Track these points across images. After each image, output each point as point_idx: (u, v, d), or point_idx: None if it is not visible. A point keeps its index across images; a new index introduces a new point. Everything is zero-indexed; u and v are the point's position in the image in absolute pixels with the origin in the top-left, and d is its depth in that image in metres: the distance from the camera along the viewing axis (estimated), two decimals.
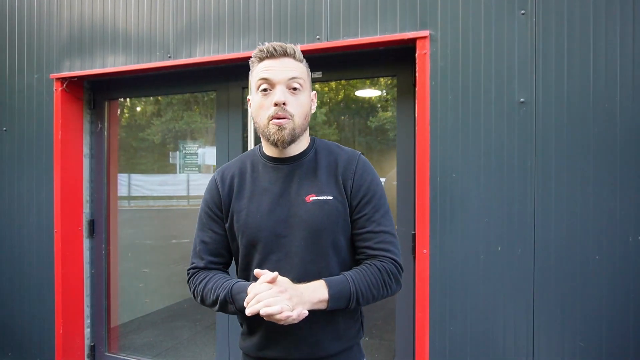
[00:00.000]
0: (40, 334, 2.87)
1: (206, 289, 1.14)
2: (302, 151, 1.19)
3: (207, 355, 2.99)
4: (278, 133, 1.09)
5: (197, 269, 1.20)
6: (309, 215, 1.12)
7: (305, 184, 1.15)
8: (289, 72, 1.11)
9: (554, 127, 1.86)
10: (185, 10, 2.51)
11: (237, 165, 1.24)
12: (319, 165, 1.17)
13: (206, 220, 1.22)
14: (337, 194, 1.14)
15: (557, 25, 1.86)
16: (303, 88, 1.13)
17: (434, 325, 2.02)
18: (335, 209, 1.13)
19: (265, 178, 1.18)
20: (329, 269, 1.13)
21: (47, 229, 2.83)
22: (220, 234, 1.21)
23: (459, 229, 1.99)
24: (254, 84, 1.14)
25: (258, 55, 1.13)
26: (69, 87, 2.82)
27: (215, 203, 1.21)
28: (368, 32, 2.14)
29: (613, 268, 1.80)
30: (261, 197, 1.15)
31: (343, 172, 1.16)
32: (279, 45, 1.12)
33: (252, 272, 1.13)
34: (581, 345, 1.84)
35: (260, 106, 1.12)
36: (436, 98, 2.01)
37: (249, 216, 1.14)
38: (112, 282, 3.07)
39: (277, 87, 1.10)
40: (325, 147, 1.22)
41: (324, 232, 1.12)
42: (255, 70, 1.15)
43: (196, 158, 3.43)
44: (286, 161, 1.18)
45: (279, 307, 0.94)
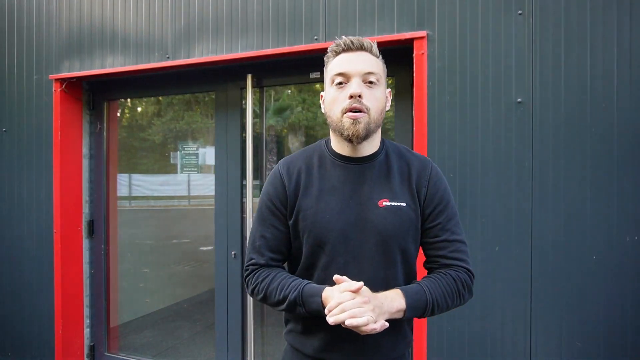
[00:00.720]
0: (40, 334, 2.88)
1: (271, 287, 1.10)
2: (374, 152, 1.15)
3: (206, 355, 2.99)
4: (352, 127, 1.05)
5: (258, 266, 1.16)
6: (382, 220, 1.09)
7: (377, 187, 1.12)
8: (365, 65, 1.07)
9: (551, 127, 1.86)
10: (183, 11, 2.52)
11: (303, 160, 1.18)
12: (392, 168, 1.14)
13: (268, 215, 1.16)
14: (410, 201, 1.12)
15: (554, 25, 1.86)
16: (379, 83, 1.10)
17: (432, 325, 2.02)
18: (408, 217, 1.11)
19: (334, 176, 1.13)
20: (396, 276, 1.11)
21: (47, 229, 2.84)
22: (281, 231, 1.15)
23: None
24: (329, 78, 1.11)
25: (334, 49, 1.11)
26: (68, 87, 2.83)
27: (279, 198, 1.15)
28: (366, 32, 2.14)
29: (610, 268, 1.79)
30: (330, 196, 1.11)
31: (417, 179, 1.13)
32: (355, 39, 1.09)
33: (316, 272, 1.12)
34: (578, 344, 1.84)
35: (334, 99, 1.08)
36: (433, 98, 2.01)
37: (317, 215, 1.10)
38: (112, 282, 3.08)
39: (353, 80, 1.06)
40: (396, 150, 1.19)
41: (395, 239, 1.09)
42: (330, 65, 1.11)
43: (196, 158, 3.43)
44: (357, 161, 1.14)
45: (365, 319, 0.92)
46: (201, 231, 3.95)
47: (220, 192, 2.68)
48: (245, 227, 2.61)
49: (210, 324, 2.92)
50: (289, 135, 3.49)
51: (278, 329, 2.85)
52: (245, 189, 2.59)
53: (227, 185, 2.66)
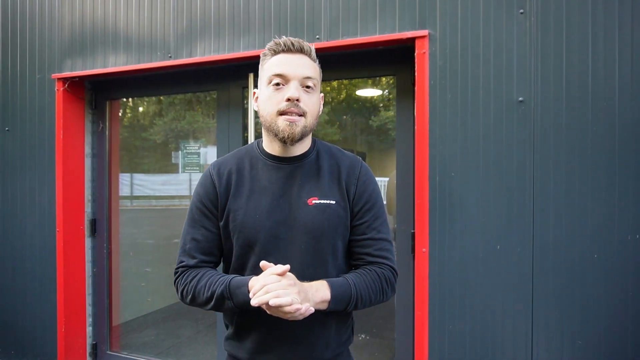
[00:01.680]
0: (43, 332, 2.89)
1: (199, 286, 1.09)
2: (305, 152, 1.16)
3: (208, 354, 3.00)
4: (289, 129, 1.05)
5: (187, 268, 1.14)
6: (311, 218, 1.09)
7: (307, 186, 1.12)
8: (305, 70, 1.07)
9: (552, 126, 1.86)
10: (185, 11, 2.53)
11: (234, 161, 1.18)
12: (322, 167, 1.15)
13: (199, 216, 1.15)
14: (339, 199, 1.13)
15: (555, 24, 1.86)
16: (316, 88, 1.11)
17: (433, 323, 2.03)
18: (337, 214, 1.11)
19: (265, 177, 1.13)
20: (327, 273, 1.11)
21: (49, 228, 2.85)
22: (213, 232, 1.14)
23: (458, 227, 1.99)
24: (266, 77, 1.10)
25: (273, 48, 1.10)
26: (70, 87, 2.84)
27: (210, 199, 1.14)
28: (367, 31, 2.14)
29: (612, 266, 1.79)
30: (260, 197, 1.11)
31: (346, 178, 1.14)
32: (296, 40, 1.09)
33: (246, 272, 1.12)
34: (579, 343, 1.84)
35: (269, 99, 1.08)
36: (435, 97, 2.02)
37: (246, 215, 1.10)
38: (114, 281, 3.09)
39: (291, 83, 1.06)
40: (327, 150, 1.20)
41: (324, 236, 1.10)
42: (268, 63, 1.10)
43: (197, 158, 3.44)
44: (288, 160, 1.14)
45: (289, 299, 0.91)
46: None
47: None
48: None
49: (212, 322, 2.93)
50: None
51: None
52: None
53: None
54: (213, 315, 2.83)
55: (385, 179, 2.86)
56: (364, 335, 3.20)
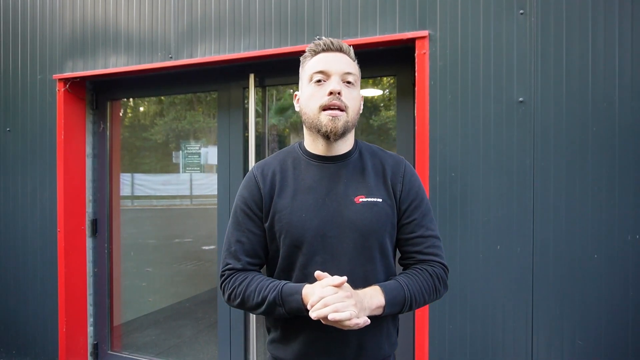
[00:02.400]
0: (44, 332, 2.90)
1: (249, 291, 1.08)
2: (348, 150, 1.16)
3: (209, 354, 3.01)
4: (331, 123, 1.05)
5: (234, 270, 1.13)
6: (359, 216, 1.09)
7: (352, 184, 1.12)
8: (345, 65, 1.10)
9: (552, 126, 1.86)
10: (186, 11, 2.53)
11: (277, 162, 1.18)
12: (366, 166, 1.15)
13: (243, 218, 1.14)
14: (386, 197, 1.13)
15: (555, 24, 1.86)
16: (356, 85, 1.12)
17: (434, 323, 2.03)
18: (385, 212, 1.11)
19: (309, 176, 1.13)
20: (375, 272, 1.11)
21: (51, 228, 2.86)
22: (257, 234, 1.14)
23: (458, 228, 1.99)
24: (307, 76, 1.11)
25: (313, 49, 1.12)
26: (71, 87, 2.84)
27: (254, 201, 1.13)
28: (368, 32, 2.15)
29: (612, 266, 1.80)
30: (306, 196, 1.10)
31: (392, 176, 1.15)
32: (335, 40, 1.12)
33: (294, 273, 1.11)
34: (580, 343, 1.84)
35: (311, 96, 1.09)
36: (435, 98, 2.02)
37: (292, 215, 1.09)
38: (115, 281, 3.10)
39: (332, 77, 1.08)
40: (369, 149, 1.20)
41: (373, 234, 1.10)
42: (308, 64, 1.12)
43: (198, 158, 3.45)
44: (332, 160, 1.14)
45: (349, 314, 0.91)
46: (203, 230, 3.97)
47: (223, 191, 2.69)
48: None
49: (213, 322, 2.93)
50: (290, 134, 3.50)
51: None
52: None
53: (229, 184, 2.67)
54: (214, 315, 2.83)
55: None
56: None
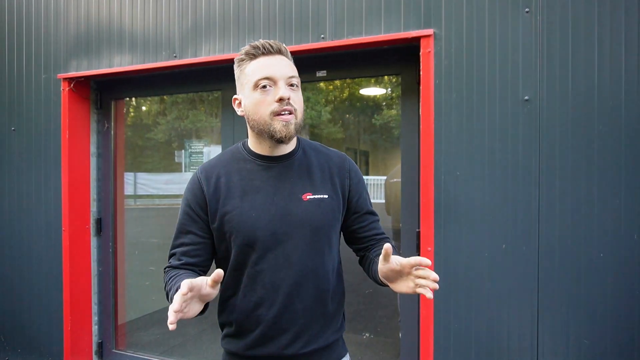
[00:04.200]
0: (49, 331, 2.91)
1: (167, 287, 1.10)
2: (292, 150, 1.19)
3: (213, 352, 3.01)
4: (285, 129, 1.07)
5: (170, 268, 1.16)
6: (307, 213, 1.13)
7: (299, 182, 1.16)
8: (288, 69, 1.11)
9: (558, 125, 1.86)
10: (190, 11, 2.53)
11: (222, 164, 1.19)
12: (311, 164, 1.19)
13: (186, 221, 1.16)
14: (332, 193, 1.18)
15: (561, 22, 1.86)
16: (299, 86, 1.14)
17: (439, 323, 2.03)
18: (331, 208, 1.17)
19: (256, 177, 1.15)
20: (324, 264, 1.17)
21: (55, 228, 2.86)
22: (201, 236, 1.16)
23: (464, 226, 1.99)
24: (250, 81, 1.10)
25: (251, 52, 1.11)
26: (76, 87, 2.85)
27: (198, 204, 1.15)
28: (372, 30, 2.15)
29: (618, 265, 1.80)
30: (254, 196, 1.13)
31: (338, 172, 1.20)
32: (273, 42, 1.11)
33: (246, 270, 1.13)
34: (586, 343, 1.84)
35: (259, 102, 1.09)
36: (440, 96, 2.02)
37: (242, 215, 1.11)
38: (119, 280, 3.11)
39: (279, 83, 1.08)
40: (312, 147, 1.24)
41: (321, 229, 1.15)
42: (249, 68, 1.11)
43: (202, 157, 3.45)
44: (277, 160, 1.17)
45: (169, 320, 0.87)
46: None
47: None
48: None
49: (216, 321, 2.95)
50: None
51: None
52: None
53: None
54: None
55: (382, 177, 2.85)
56: (368, 334, 3.21)
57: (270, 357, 1.16)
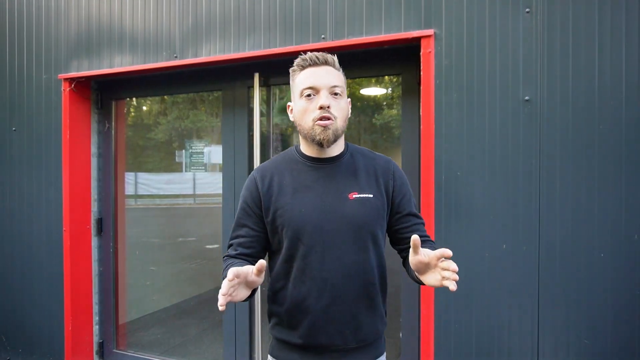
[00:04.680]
0: (50, 330, 2.92)
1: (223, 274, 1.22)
2: (340, 153, 1.30)
3: (214, 352, 3.02)
4: (323, 133, 1.19)
5: (227, 257, 1.30)
6: (352, 211, 1.22)
7: (346, 182, 1.25)
8: (331, 79, 1.21)
9: (559, 125, 1.86)
10: (191, 11, 2.53)
11: (276, 165, 1.32)
12: (357, 166, 1.29)
13: (243, 215, 1.30)
14: (376, 193, 1.26)
15: (562, 23, 1.86)
16: (342, 94, 1.24)
17: (439, 322, 2.03)
18: (375, 206, 1.25)
19: (307, 176, 1.26)
20: (369, 260, 1.24)
21: (56, 228, 2.87)
22: (255, 230, 1.28)
23: (464, 227, 1.99)
24: (298, 90, 1.23)
25: (300, 64, 1.24)
26: (76, 87, 2.85)
27: (253, 200, 1.28)
28: (373, 31, 2.15)
29: (618, 266, 1.80)
30: (304, 194, 1.24)
31: (383, 174, 1.30)
32: (320, 54, 1.23)
33: (295, 262, 1.23)
34: (586, 342, 1.84)
35: (304, 110, 1.21)
36: (441, 96, 2.02)
37: (293, 211, 1.22)
38: (120, 280, 3.11)
39: (321, 92, 1.20)
40: (359, 151, 1.35)
41: (365, 226, 1.23)
42: (298, 78, 1.25)
43: (202, 157, 3.45)
44: (326, 161, 1.28)
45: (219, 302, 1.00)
46: (207, 229, 3.97)
47: (228, 190, 2.70)
48: None
49: (218, 321, 2.94)
50: (293, 133, 3.50)
51: None
52: None
53: (234, 183, 2.67)
54: (219, 314, 2.84)
55: None
56: None
57: (320, 347, 1.24)
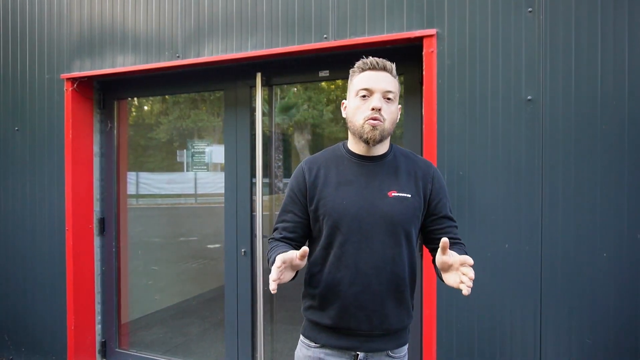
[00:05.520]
0: (53, 330, 2.92)
1: (269, 254, 1.32)
2: (384, 152, 1.37)
3: (216, 351, 3.02)
4: (372, 132, 1.27)
5: (273, 239, 1.39)
6: (390, 207, 1.29)
7: (387, 180, 1.33)
8: (386, 84, 1.29)
9: (561, 125, 1.86)
10: (193, 11, 2.54)
11: (324, 158, 1.40)
12: (399, 166, 1.36)
13: (289, 202, 1.39)
14: (415, 194, 1.33)
15: (564, 22, 1.86)
16: (394, 100, 1.31)
17: (441, 321, 2.04)
18: (412, 206, 1.32)
19: (351, 171, 1.34)
20: (401, 254, 1.31)
21: (59, 227, 2.87)
22: (299, 216, 1.37)
23: (467, 226, 2.00)
24: (354, 90, 1.31)
25: (361, 66, 1.32)
26: (79, 87, 2.86)
27: (300, 189, 1.37)
28: (375, 30, 2.15)
29: (621, 265, 1.80)
30: (347, 187, 1.32)
31: (422, 177, 1.36)
32: (380, 60, 1.31)
33: (333, 249, 1.31)
34: (589, 341, 1.84)
35: (357, 108, 1.30)
36: (443, 96, 2.02)
37: (335, 202, 1.30)
38: (122, 279, 3.12)
39: (375, 95, 1.28)
40: (403, 153, 1.42)
41: (400, 223, 1.30)
42: (356, 79, 1.32)
43: (204, 156, 3.45)
44: (370, 159, 1.35)
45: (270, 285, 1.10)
46: (208, 229, 3.97)
47: (230, 190, 2.70)
48: (255, 225, 2.63)
49: (220, 321, 2.95)
50: (295, 133, 3.51)
51: (288, 325, 2.87)
52: (255, 187, 2.61)
53: (236, 183, 2.68)
54: (220, 313, 2.85)
55: None
56: None
57: (348, 329, 1.32)
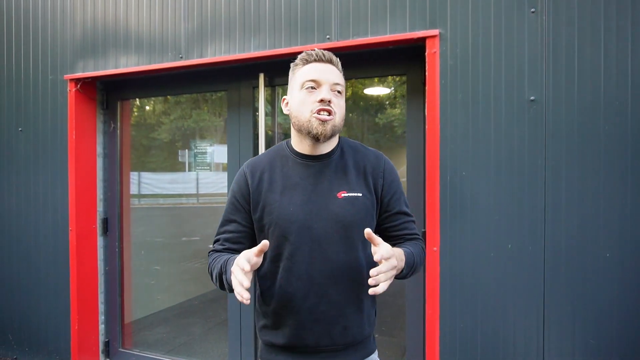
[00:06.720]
0: (56, 329, 2.94)
1: (212, 266, 1.23)
2: (331, 150, 1.27)
3: (219, 351, 3.03)
4: (320, 127, 1.16)
5: (214, 251, 1.29)
6: (341, 210, 1.20)
7: (335, 180, 1.23)
8: (334, 76, 1.21)
9: (564, 125, 1.86)
10: (196, 11, 2.54)
11: (267, 160, 1.30)
12: (348, 164, 1.26)
13: (231, 210, 1.29)
14: (366, 192, 1.24)
15: (567, 23, 1.86)
16: (343, 94, 1.23)
17: (444, 322, 2.04)
18: (364, 205, 1.23)
19: (296, 173, 1.24)
20: (359, 260, 1.22)
21: (62, 228, 2.88)
22: (243, 225, 1.27)
23: (469, 226, 2.00)
24: (298, 83, 1.21)
25: (305, 58, 1.23)
26: (82, 87, 2.87)
27: (242, 195, 1.26)
28: (378, 31, 2.15)
29: (624, 265, 1.80)
30: (293, 191, 1.22)
31: (372, 171, 1.27)
32: (326, 52, 1.23)
33: (282, 262, 1.21)
34: (592, 342, 1.85)
35: (303, 102, 1.19)
36: (446, 97, 2.02)
37: (281, 208, 1.20)
38: (126, 279, 3.13)
39: (323, 87, 1.18)
40: (352, 146, 1.31)
41: (354, 225, 1.21)
42: (299, 71, 1.23)
43: (206, 156, 3.46)
44: (316, 158, 1.25)
45: None
46: (210, 229, 3.98)
47: None
48: None
49: (222, 320, 2.96)
50: None
51: None
52: None
53: None
54: (223, 313, 2.85)
55: None
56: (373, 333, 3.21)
57: (306, 347, 1.22)
